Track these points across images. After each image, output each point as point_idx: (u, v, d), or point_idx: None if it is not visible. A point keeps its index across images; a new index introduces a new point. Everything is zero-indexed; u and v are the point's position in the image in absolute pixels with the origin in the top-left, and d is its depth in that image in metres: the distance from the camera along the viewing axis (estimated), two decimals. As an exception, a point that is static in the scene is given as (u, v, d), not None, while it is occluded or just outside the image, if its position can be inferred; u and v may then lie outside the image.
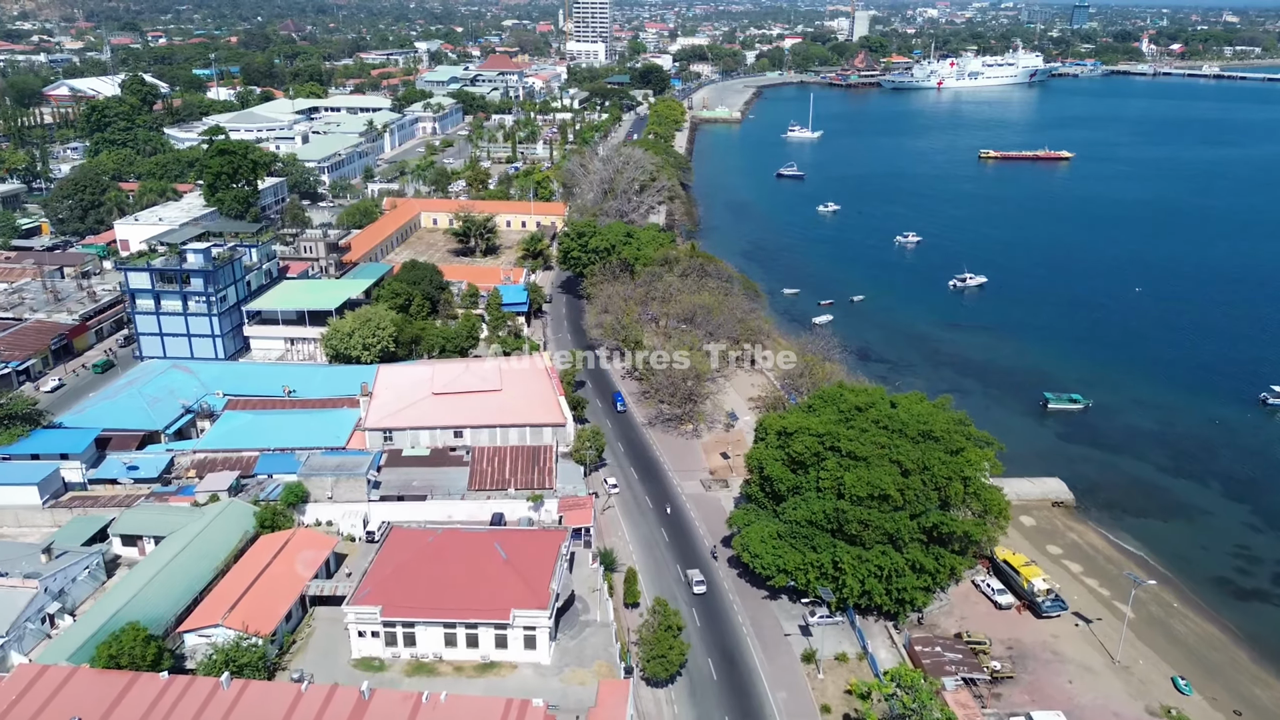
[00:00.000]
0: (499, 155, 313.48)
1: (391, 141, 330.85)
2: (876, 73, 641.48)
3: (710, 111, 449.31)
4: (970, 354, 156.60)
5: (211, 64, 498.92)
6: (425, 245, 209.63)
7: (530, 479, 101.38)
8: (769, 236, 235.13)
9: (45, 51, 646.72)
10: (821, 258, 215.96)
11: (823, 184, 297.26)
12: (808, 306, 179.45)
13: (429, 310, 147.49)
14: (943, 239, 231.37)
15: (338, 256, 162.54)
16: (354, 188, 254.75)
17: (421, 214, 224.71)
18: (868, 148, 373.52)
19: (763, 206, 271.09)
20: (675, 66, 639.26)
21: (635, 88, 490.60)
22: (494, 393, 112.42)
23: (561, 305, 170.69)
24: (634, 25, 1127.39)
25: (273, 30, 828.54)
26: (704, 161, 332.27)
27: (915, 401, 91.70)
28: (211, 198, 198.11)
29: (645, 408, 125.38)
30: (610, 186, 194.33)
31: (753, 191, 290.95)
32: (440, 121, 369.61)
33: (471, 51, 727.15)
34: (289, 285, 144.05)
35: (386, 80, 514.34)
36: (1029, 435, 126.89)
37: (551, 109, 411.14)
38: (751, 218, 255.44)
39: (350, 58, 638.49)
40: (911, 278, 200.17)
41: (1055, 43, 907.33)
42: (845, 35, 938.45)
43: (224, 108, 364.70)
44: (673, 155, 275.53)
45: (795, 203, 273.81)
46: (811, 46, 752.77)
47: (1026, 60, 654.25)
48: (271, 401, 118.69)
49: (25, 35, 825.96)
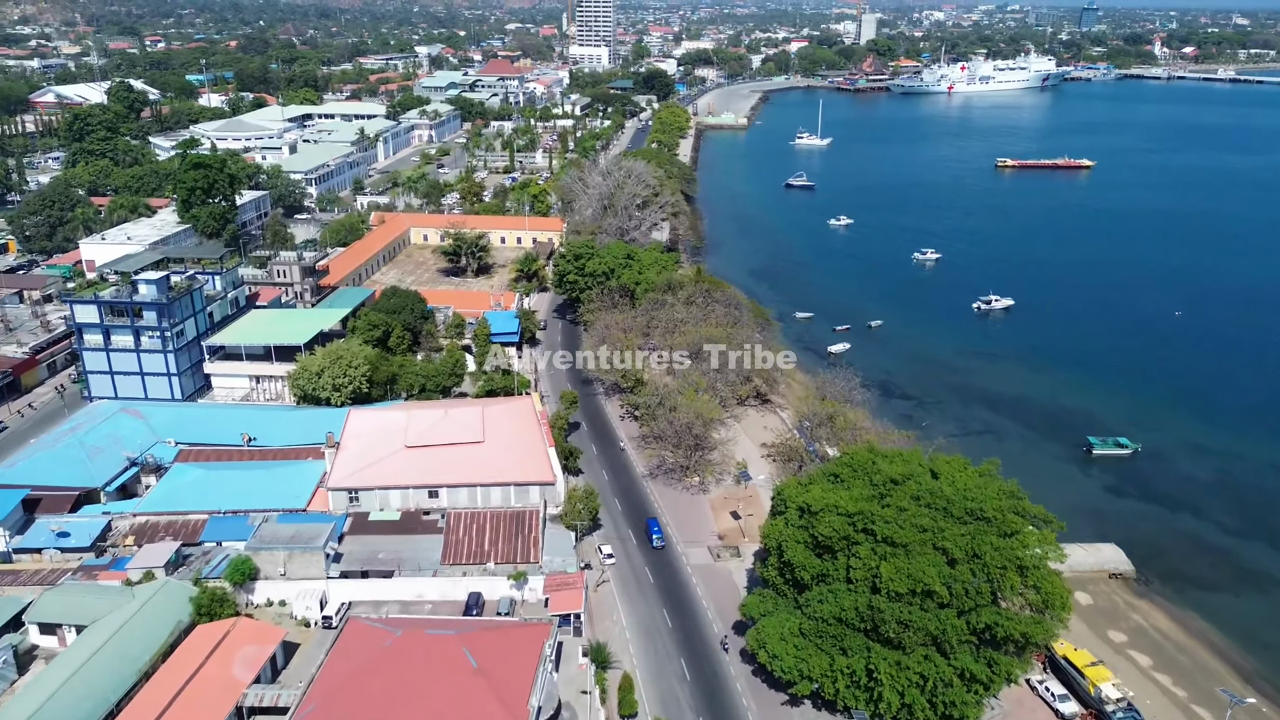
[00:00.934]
0: (496, 164, 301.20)
1: (385, 150, 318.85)
2: (885, 77, 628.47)
3: (716, 118, 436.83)
4: (1001, 388, 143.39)
5: (204, 69, 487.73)
6: (414, 264, 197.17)
7: (513, 551, 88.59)
8: (779, 253, 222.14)
9: (40, 57, 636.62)
10: (835, 277, 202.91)
11: (834, 195, 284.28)
12: (822, 333, 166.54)
13: (410, 342, 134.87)
14: (963, 256, 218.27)
15: (314, 281, 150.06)
16: (342, 201, 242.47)
17: (411, 230, 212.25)
18: (879, 156, 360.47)
19: (771, 220, 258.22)
20: (680, 71, 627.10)
21: (639, 93, 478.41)
22: (475, 445, 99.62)
23: (557, 332, 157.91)
24: (638, 29, 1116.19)
25: (272, 35, 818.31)
26: (709, 171, 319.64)
27: (959, 469, 78.68)
28: (186, 214, 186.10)
29: (646, 455, 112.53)
30: (610, 202, 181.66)
31: (761, 203, 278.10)
32: (437, 129, 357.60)
33: (473, 56, 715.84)
34: (257, 316, 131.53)
35: (385, 86, 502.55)
36: (1074, 487, 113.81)
37: (552, 115, 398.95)
38: (760, 232, 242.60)
39: (350, 62, 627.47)
40: (932, 299, 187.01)
41: (1066, 46, 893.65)
42: (852, 39, 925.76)
43: (214, 115, 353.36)
44: (677, 165, 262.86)
45: (806, 216, 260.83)
46: (818, 50, 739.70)
47: (1038, 64, 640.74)
48: (228, 451, 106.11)
49: (24, 40, 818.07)
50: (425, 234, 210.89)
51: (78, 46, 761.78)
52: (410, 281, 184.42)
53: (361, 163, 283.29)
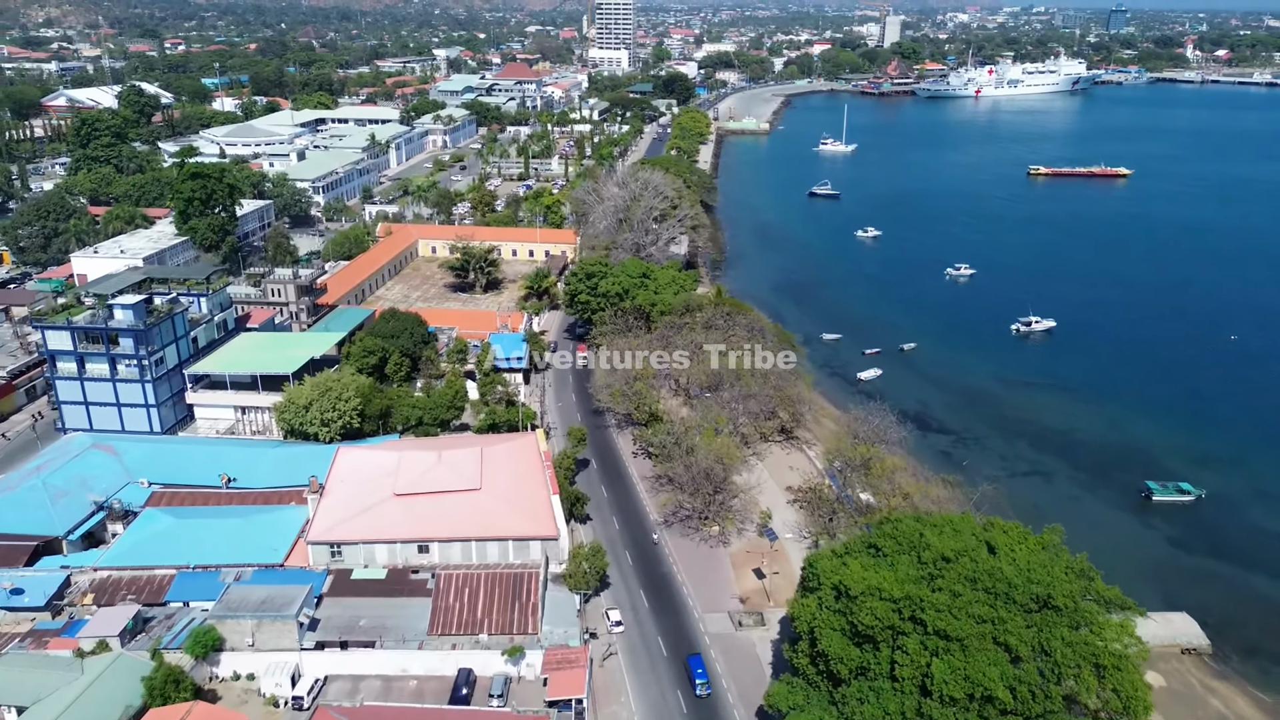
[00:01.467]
0: (511, 172, 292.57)
1: (398, 157, 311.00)
2: (910, 80, 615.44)
3: (737, 122, 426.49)
4: (1047, 421, 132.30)
5: (217, 73, 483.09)
6: (421, 278, 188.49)
7: (509, 619, 79.07)
8: (803, 268, 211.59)
9: (59, 59, 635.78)
10: (863, 294, 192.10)
11: (860, 204, 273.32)
12: (851, 356, 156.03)
13: (409, 369, 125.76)
14: (998, 271, 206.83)
15: (310, 300, 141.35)
16: (350, 210, 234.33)
17: (419, 241, 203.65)
18: (906, 162, 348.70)
19: (795, 231, 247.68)
20: (700, 74, 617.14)
21: (658, 97, 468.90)
22: (470, 493, 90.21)
23: (567, 355, 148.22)
24: (659, 31, 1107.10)
25: (291, 38, 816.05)
26: (730, 178, 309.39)
27: (1018, 541, 68.32)
28: (183, 226, 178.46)
29: (660, 500, 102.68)
30: (626, 215, 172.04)
31: (784, 213, 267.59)
32: (451, 134, 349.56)
33: (492, 59, 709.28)
34: (246, 340, 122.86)
35: (401, 89, 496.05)
36: (1133, 542, 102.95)
37: (569, 120, 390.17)
38: (783, 244, 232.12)
39: (367, 65, 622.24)
40: (968, 320, 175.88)
41: (1095, 48, 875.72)
42: (876, 41, 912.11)
43: (226, 119, 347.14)
44: (696, 174, 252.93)
45: (831, 226, 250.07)
46: (841, 53, 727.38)
47: (1068, 67, 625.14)
48: (204, 494, 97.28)
49: (46, 42, 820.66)
50: (434, 246, 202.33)
51: (98, 49, 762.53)
52: (416, 297, 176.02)
53: (372, 170, 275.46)
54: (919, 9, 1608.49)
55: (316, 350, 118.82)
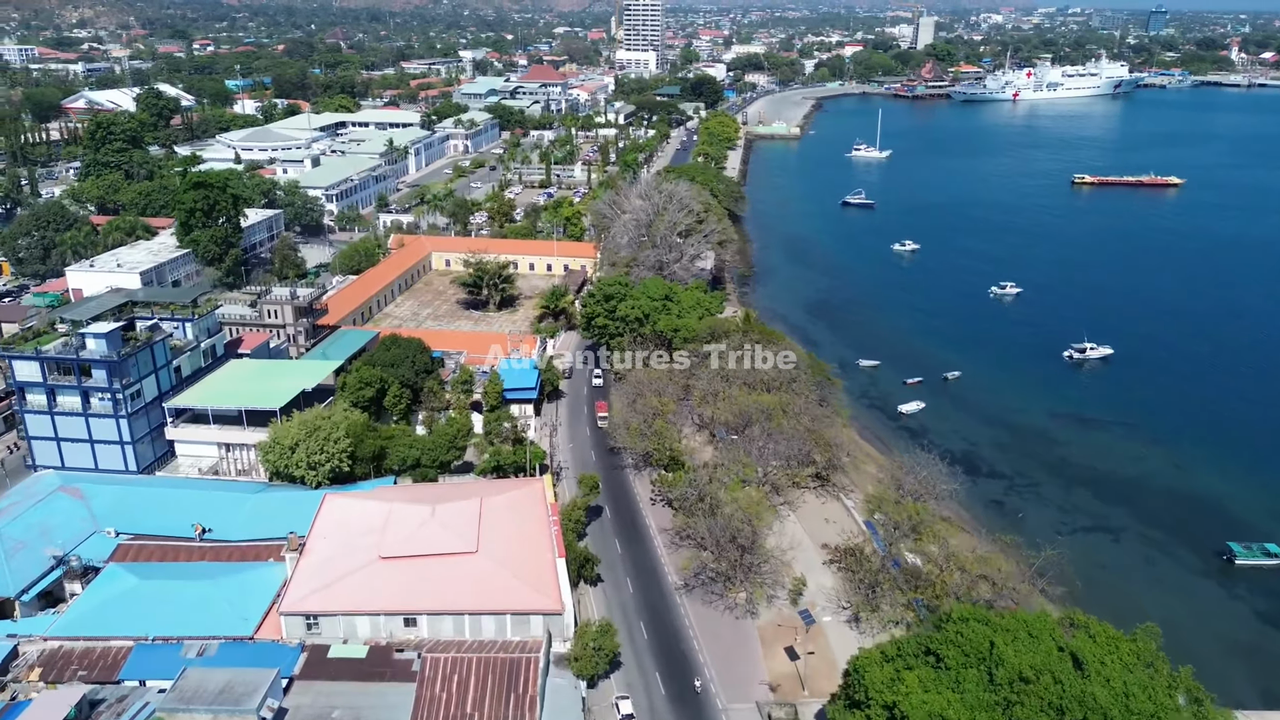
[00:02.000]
0: (532, 178, 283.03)
1: (417, 162, 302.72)
2: (945, 83, 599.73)
3: (766, 127, 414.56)
4: (1108, 465, 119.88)
5: (238, 74, 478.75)
6: (433, 294, 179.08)
7: (502, 713, 68.66)
8: (837, 284, 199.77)
9: (88, 60, 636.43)
10: (902, 315, 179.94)
11: (896, 215, 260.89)
12: (890, 385, 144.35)
13: (410, 401, 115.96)
14: (1046, 290, 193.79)
15: (309, 322, 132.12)
16: (363, 219, 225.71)
17: (433, 254, 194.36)
18: (943, 170, 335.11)
19: (828, 243, 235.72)
20: (729, 76, 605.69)
21: (686, 100, 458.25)
22: (466, 556, 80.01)
23: (583, 382, 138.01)
24: (688, 33, 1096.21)
25: (319, 39, 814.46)
26: (759, 185, 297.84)
27: (1108, 650, 56.84)
28: (185, 238, 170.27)
29: (681, 561, 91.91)
30: (648, 230, 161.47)
31: (816, 223, 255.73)
32: (473, 139, 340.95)
33: (518, 60, 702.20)
34: (234, 370, 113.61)
35: (425, 91, 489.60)
36: (1216, 614, 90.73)
37: (594, 125, 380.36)
38: (815, 258, 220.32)
39: (393, 67, 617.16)
40: (1016, 345, 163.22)
41: (1135, 50, 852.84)
42: (909, 43, 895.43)
43: (246, 122, 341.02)
44: (724, 182, 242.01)
45: (866, 239, 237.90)
46: (873, 55, 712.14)
47: (1110, 70, 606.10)
48: (174, 549, 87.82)
49: (78, 43, 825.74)
50: (448, 259, 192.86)
51: (128, 50, 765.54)
52: (426, 315, 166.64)
53: (389, 176, 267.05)
54: (952, 10, 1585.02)
55: (309, 381, 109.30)
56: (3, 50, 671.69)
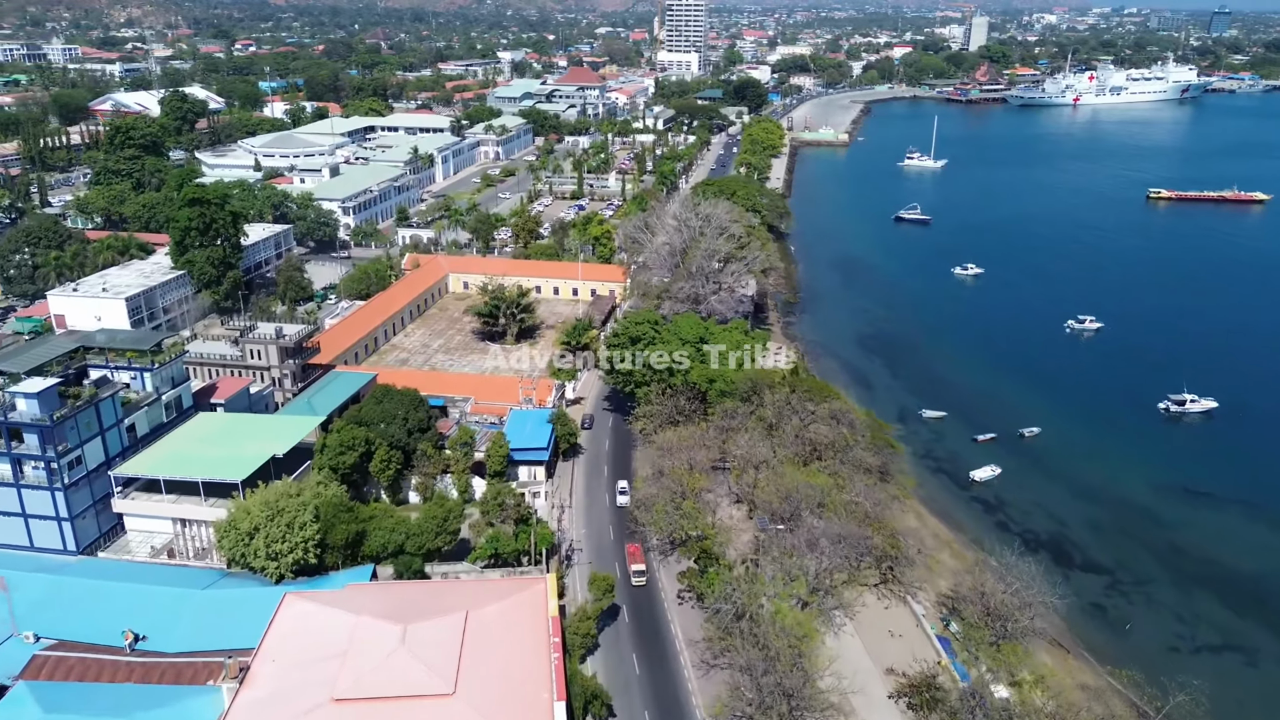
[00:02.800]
0: (564, 189, 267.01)
1: (445, 170, 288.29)
2: (1000, 87, 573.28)
3: (812, 133, 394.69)
4: (1230, 556, 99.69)
5: (268, 76, 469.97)
6: (447, 321, 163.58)
7: None
8: (893, 313, 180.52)
9: (129, 60, 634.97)
10: (968, 352, 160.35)
11: (954, 232, 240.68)
12: (959, 443, 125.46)
13: (401, 464, 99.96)
14: (1131, 324, 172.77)
15: (297, 364, 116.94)
16: (380, 235, 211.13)
17: (449, 276, 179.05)
18: (1003, 181, 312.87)
19: (881, 265, 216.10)
20: (774, 79, 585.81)
21: (729, 104, 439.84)
22: (440, 700, 63.55)
23: (605, 434, 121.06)
24: (731, 33, 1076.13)
25: (359, 40, 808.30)
26: (806, 198, 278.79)
27: None
28: (180, 259, 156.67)
29: (713, 686, 74.65)
30: (683, 258, 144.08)
31: (867, 241, 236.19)
32: (504, 145, 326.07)
33: (558, 62, 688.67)
34: (200, 427, 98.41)
35: (460, 94, 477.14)
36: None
37: (631, 130, 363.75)
38: (867, 282, 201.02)
39: (430, 68, 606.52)
40: (1101, 394, 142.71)
41: (1199, 53, 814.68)
42: (959, 44, 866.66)
43: (273, 126, 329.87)
44: (767, 196, 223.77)
45: (923, 260, 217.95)
46: (924, 57, 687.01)
47: (1177, 73, 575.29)
48: (98, 663, 72.61)
49: (122, 43, 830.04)
50: (466, 281, 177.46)
51: (171, 50, 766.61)
52: (438, 347, 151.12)
53: (413, 186, 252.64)
54: (1003, 10, 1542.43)
55: (282, 444, 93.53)
56: (47, 50, 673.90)
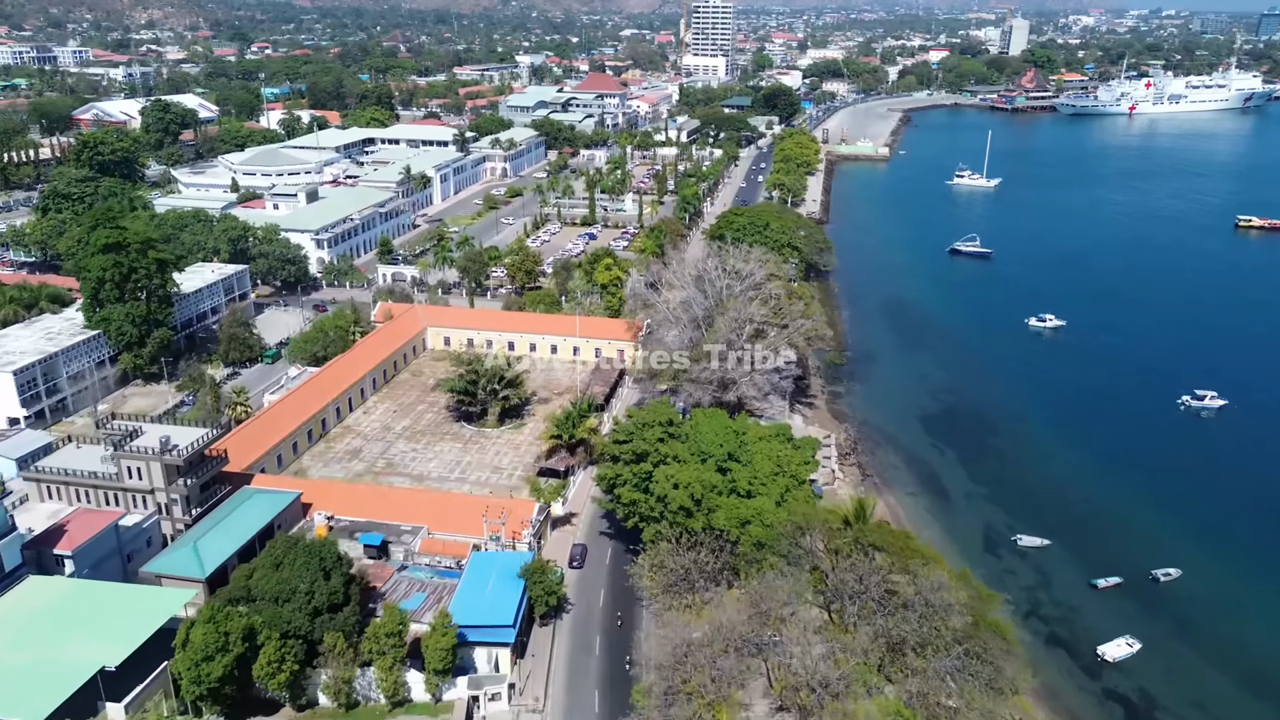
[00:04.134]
0: (574, 213, 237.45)
1: (444, 190, 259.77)
2: (1049, 94, 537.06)
3: (850, 146, 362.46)
4: None
5: (273, 81, 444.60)
6: (419, 391, 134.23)
7: None
8: (962, 383, 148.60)
9: (143, 63, 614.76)
10: (1065, 441, 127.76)
11: (1019, 268, 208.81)
12: (1072, 589, 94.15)
13: (301, 659, 70.44)
14: (1262, 398, 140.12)
15: (191, 484, 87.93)
16: (357, 273, 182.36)
17: (428, 330, 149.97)
18: (1068, 204, 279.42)
19: (940, 312, 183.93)
20: (805, 85, 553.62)
21: (757, 112, 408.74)
22: None
23: (601, 575, 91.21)
24: (759, 35, 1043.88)
25: (375, 43, 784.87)
26: (845, 222, 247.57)
27: None
28: (94, 317, 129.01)
29: None
30: (706, 330, 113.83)
31: (920, 280, 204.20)
32: (513, 161, 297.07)
33: (579, 66, 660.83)
34: (21, 602, 69.66)
35: (473, 101, 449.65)
36: None
37: (652, 143, 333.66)
38: (925, 336, 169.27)
39: (445, 73, 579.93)
40: (1248, 512, 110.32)
41: (1253, 57, 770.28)
42: (998, 48, 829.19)
43: (264, 138, 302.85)
44: (805, 227, 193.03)
45: (989, 306, 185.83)
46: (964, 61, 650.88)
47: (1241, 81, 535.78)
48: None
49: (137, 45, 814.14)
50: (447, 336, 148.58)
51: (185, 52, 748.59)
52: (402, 430, 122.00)
53: (405, 211, 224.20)
54: (1036, 11, 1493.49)
55: (119, 646, 64.37)
56: (58, 52, 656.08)
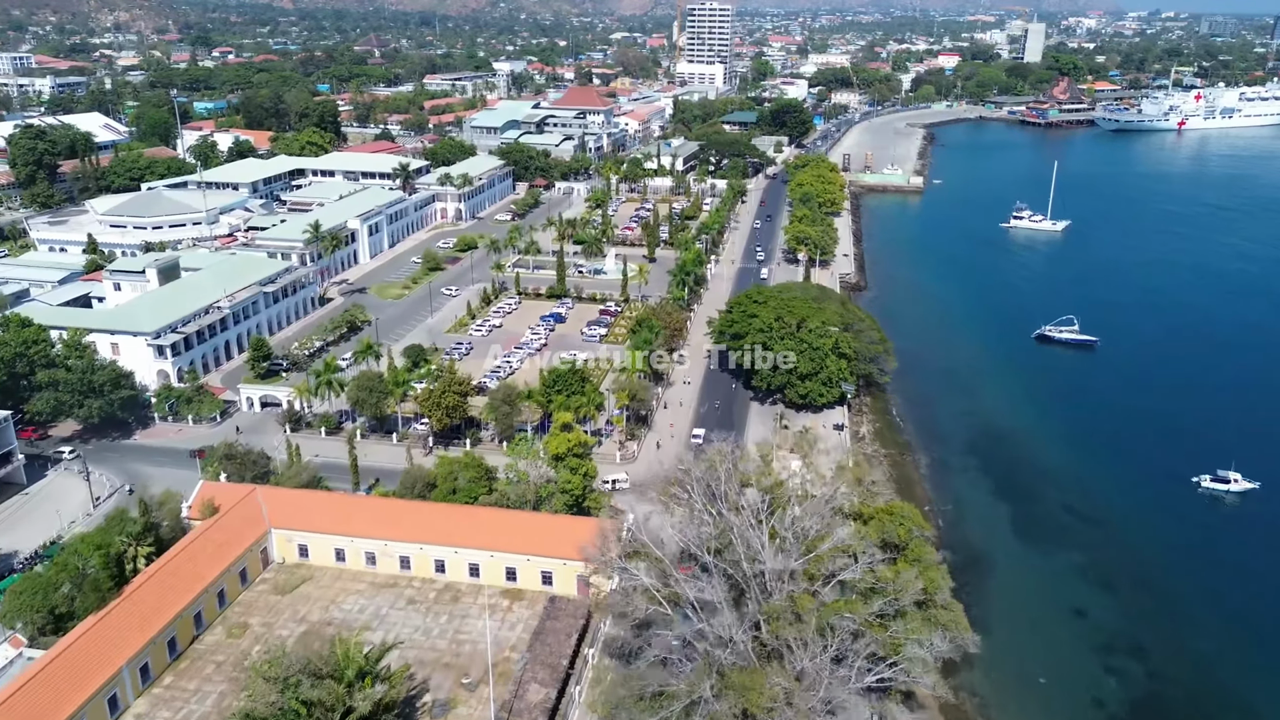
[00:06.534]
0: (540, 277, 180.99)
1: (374, 245, 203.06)
2: (1084, 106, 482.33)
3: (875, 174, 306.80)
4: None
5: (176, 93, 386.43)
6: (222, 684, 77.37)
7: None
8: (1135, 615, 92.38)
9: (77, 73, 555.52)
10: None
11: (1145, 369, 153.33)
12: None
13: None
14: None
15: None
16: (209, 398, 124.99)
17: (274, 534, 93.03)
18: (1171, 258, 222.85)
19: (1051, 453, 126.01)
20: (812, 95, 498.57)
21: (764, 130, 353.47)
22: None
23: None
24: (755, 38, 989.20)
25: (345, 48, 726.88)
26: (889, 287, 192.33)
27: None
28: None
29: None
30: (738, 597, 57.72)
31: (1008, 390, 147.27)
32: (470, 200, 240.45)
33: (564, 74, 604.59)
34: None
35: (438, 117, 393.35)
36: None
37: (643, 173, 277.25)
38: (1047, 502, 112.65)
39: (413, 83, 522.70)
40: None
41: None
42: (1011, 52, 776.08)
43: (167, 168, 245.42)
44: (856, 317, 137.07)
45: (1126, 448, 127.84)
46: (983, 69, 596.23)
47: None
48: None
49: (91, 50, 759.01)
50: (303, 544, 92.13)
51: (139, 58, 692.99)
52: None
53: (310, 283, 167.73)
54: (1035, 14, 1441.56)
55: None
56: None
